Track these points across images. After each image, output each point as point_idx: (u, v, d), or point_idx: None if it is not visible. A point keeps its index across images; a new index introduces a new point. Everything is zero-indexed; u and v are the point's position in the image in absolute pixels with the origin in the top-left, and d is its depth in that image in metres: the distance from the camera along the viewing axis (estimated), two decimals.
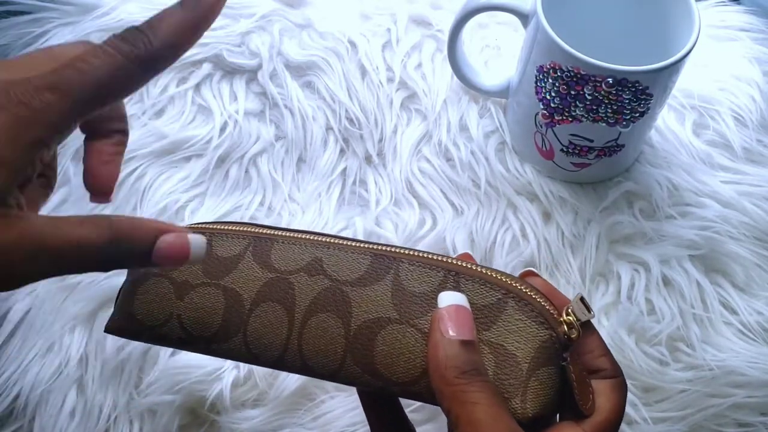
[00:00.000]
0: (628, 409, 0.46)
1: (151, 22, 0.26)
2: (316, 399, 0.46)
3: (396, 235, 0.52)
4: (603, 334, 0.48)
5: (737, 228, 0.52)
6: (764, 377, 0.47)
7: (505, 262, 0.51)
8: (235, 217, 0.53)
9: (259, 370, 0.46)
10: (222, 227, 0.34)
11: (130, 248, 0.25)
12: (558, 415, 0.29)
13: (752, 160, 0.56)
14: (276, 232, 0.33)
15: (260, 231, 0.34)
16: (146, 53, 0.26)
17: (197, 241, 0.27)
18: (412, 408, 0.46)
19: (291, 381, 0.46)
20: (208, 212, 0.53)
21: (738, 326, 0.49)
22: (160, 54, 0.26)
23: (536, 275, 0.32)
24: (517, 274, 0.51)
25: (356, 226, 0.52)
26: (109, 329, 0.35)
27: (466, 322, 0.27)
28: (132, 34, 0.26)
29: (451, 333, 0.27)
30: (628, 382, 0.47)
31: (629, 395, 0.46)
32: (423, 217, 0.53)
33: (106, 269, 0.26)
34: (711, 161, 0.55)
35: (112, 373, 0.48)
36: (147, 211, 0.52)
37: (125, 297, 0.35)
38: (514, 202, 0.53)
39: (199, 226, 0.35)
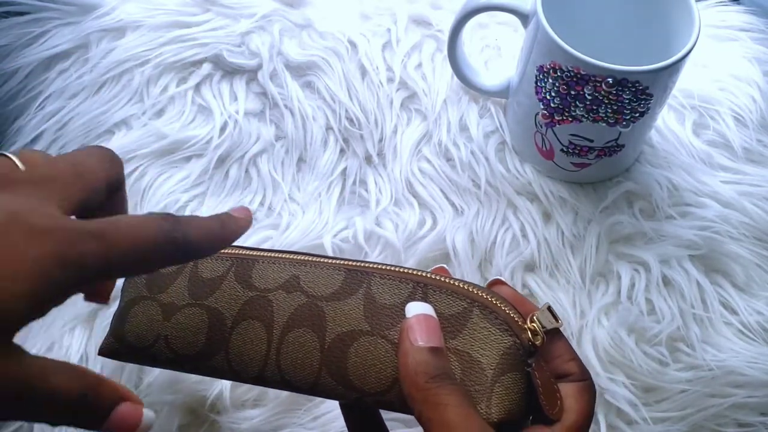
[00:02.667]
0: (628, 409, 0.46)
1: (186, 219, 0.27)
2: (316, 399, 0.46)
3: (396, 235, 0.52)
4: (603, 334, 0.48)
5: (737, 228, 0.52)
6: (764, 377, 0.47)
7: (505, 262, 0.51)
8: None
9: None
10: None
11: (93, 405, 0.26)
12: (531, 419, 0.29)
13: (752, 160, 0.56)
14: (257, 253, 0.35)
15: (243, 252, 0.35)
16: (183, 240, 0.26)
17: (149, 418, 0.27)
18: None
19: None
20: (208, 212, 0.53)
21: (738, 326, 0.49)
22: (191, 247, 0.26)
23: (504, 284, 0.33)
24: (516, 274, 0.51)
25: (356, 226, 0.52)
26: (102, 352, 0.36)
27: (434, 330, 0.28)
28: (171, 217, 0.26)
29: (419, 341, 0.27)
30: (628, 382, 0.47)
31: (629, 395, 0.46)
32: (423, 217, 0.53)
33: (61, 422, 0.26)
34: (711, 161, 0.55)
35: (112, 373, 0.48)
36: (147, 211, 0.52)
37: (117, 321, 0.36)
38: (514, 202, 0.53)
39: None
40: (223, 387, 0.46)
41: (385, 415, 0.44)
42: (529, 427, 0.29)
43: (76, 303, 0.50)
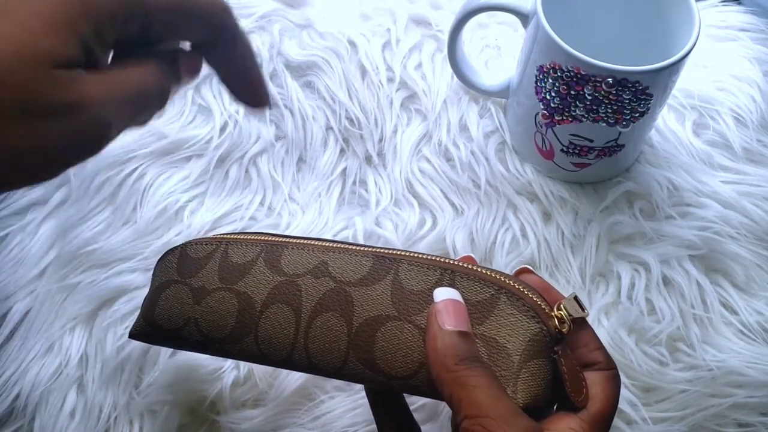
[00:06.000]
0: (628, 409, 0.46)
1: None
2: (316, 399, 0.46)
3: (396, 235, 0.52)
4: (603, 334, 0.48)
5: (737, 228, 0.52)
6: (764, 377, 0.47)
7: (505, 262, 0.51)
8: (234, 217, 0.53)
9: (258, 370, 0.46)
10: (238, 236, 0.36)
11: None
12: (556, 407, 0.29)
13: (752, 160, 0.56)
14: (287, 240, 0.35)
15: (272, 239, 0.35)
16: None
17: None
18: (412, 408, 0.46)
19: (291, 381, 0.46)
20: (208, 212, 0.53)
21: (738, 326, 0.49)
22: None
23: (531, 272, 0.33)
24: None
25: (356, 226, 0.52)
26: (133, 335, 0.37)
27: (461, 314, 0.29)
28: None
29: (447, 325, 0.28)
30: (628, 382, 0.47)
31: (629, 395, 0.46)
32: (423, 217, 0.53)
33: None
34: (711, 161, 0.55)
35: (112, 373, 0.48)
36: (147, 212, 0.52)
37: (148, 305, 0.36)
38: (514, 202, 0.53)
39: (218, 236, 0.37)
40: (223, 387, 0.46)
41: None
42: (554, 413, 0.29)
43: (76, 303, 0.50)
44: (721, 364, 0.47)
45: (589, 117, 0.47)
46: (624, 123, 0.47)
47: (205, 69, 0.63)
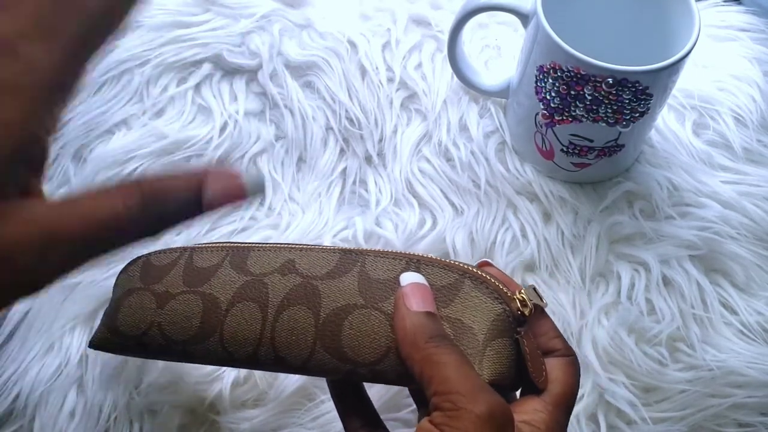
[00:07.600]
0: (628, 409, 0.46)
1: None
2: (316, 399, 0.46)
3: (396, 235, 0.52)
4: (603, 334, 0.48)
5: (737, 228, 0.52)
6: (764, 377, 0.47)
7: (505, 262, 0.51)
8: (234, 217, 0.53)
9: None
10: (203, 245, 0.37)
11: (168, 207, 0.23)
12: (519, 393, 0.31)
13: (752, 160, 0.56)
14: (253, 244, 0.35)
15: (238, 244, 0.36)
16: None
17: (253, 176, 0.23)
18: (410, 409, 0.46)
19: (291, 381, 0.46)
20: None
21: (738, 326, 0.49)
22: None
23: (491, 265, 0.34)
24: (516, 274, 0.51)
25: (356, 226, 0.52)
26: (93, 344, 0.36)
27: (428, 296, 0.30)
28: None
29: (414, 307, 0.29)
30: (628, 382, 0.47)
31: (629, 395, 0.46)
32: (423, 217, 0.53)
33: (145, 236, 0.23)
34: (711, 161, 0.55)
35: (112, 373, 0.47)
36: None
37: (110, 313, 0.36)
38: (514, 202, 0.53)
39: (183, 246, 0.37)
40: (223, 387, 0.46)
41: (385, 415, 0.44)
42: (520, 398, 0.30)
43: (76, 303, 0.50)
44: (721, 364, 0.47)
45: (589, 117, 0.47)
46: (624, 123, 0.47)
47: (206, 69, 0.63)
